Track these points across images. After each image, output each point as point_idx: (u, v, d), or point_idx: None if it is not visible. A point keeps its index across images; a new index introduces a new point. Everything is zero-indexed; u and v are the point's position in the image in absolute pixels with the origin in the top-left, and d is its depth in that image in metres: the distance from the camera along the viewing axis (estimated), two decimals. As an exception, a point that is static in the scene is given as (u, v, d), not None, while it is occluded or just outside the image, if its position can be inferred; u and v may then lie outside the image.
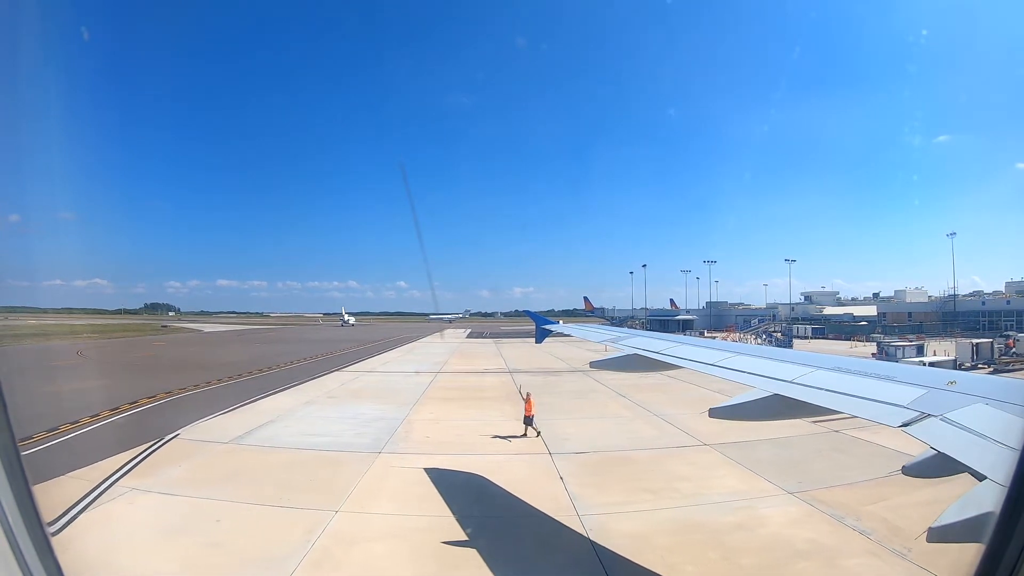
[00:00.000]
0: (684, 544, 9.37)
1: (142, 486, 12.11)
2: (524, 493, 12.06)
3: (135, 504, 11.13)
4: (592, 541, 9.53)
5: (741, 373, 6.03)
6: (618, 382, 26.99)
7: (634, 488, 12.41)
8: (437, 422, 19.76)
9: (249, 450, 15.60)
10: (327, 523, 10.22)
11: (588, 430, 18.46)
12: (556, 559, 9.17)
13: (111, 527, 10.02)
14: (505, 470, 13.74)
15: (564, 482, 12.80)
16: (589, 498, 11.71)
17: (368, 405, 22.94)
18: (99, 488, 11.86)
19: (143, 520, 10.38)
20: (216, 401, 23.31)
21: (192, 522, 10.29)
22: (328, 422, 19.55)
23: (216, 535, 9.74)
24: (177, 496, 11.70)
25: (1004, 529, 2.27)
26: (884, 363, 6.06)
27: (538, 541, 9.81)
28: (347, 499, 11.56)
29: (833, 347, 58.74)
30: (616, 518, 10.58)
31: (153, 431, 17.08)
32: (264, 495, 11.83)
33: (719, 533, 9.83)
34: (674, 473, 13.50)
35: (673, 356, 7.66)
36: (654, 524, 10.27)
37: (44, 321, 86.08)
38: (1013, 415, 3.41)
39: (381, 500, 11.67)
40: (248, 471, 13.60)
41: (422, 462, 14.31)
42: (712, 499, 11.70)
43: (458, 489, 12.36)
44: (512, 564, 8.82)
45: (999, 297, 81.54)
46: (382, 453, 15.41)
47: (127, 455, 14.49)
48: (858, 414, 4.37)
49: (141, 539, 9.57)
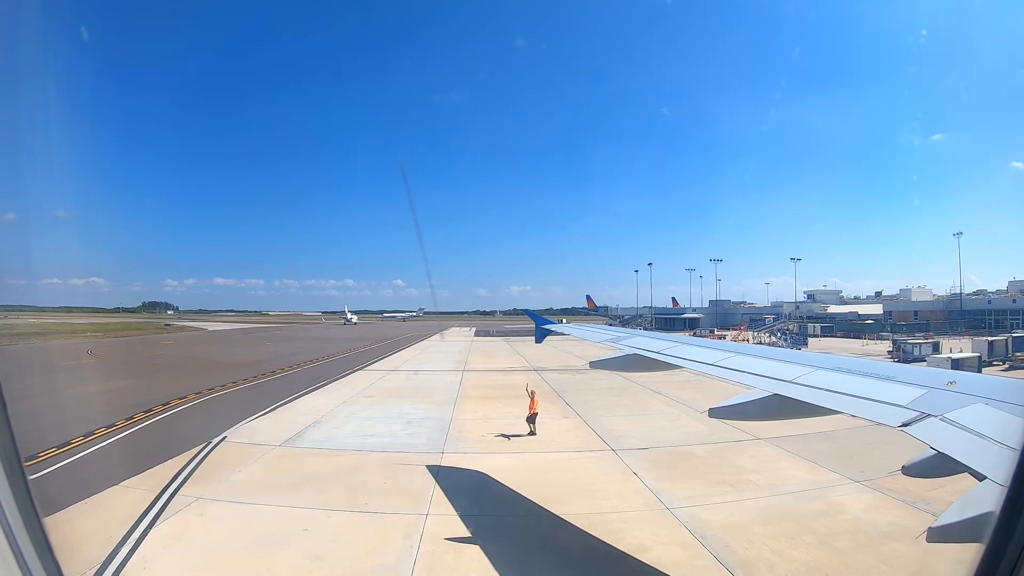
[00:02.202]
0: (779, 532, 9.60)
1: (208, 495, 11.32)
2: (607, 490, 11.99)
3: (207, 515, 10.32)
4: (692, 532, 9.61)
5: (741, 373, 6.03)
6: (649, 380, 26.48)
7: (710, 481, 12.44)
8: (486, 420, 19.30)
9: (307, 453, 14.84)
10: (422, 527, 9.77)
11: (639, 427, 18.18)
12: (669, 552, 8.99)
13: (190, 541, 9.22)
14: (576, 468, 13.67)
15: (639, 478, 12.70)
16: (670, 492, 11.70)
17: (408, 404, 22.30)
18: (161, 498, 11.04)
19: (223, 532, 9.57)
20: (249, 402, 22.52)
21: (278, 532, 9.54)
22: (376, 422, 18.85)
23: (312, 545, 9.03)
24: (249, 504, 10.92)
25: (1004, 529, 2.25)
26: (884, 363, 6.14)
27: (644, 535, 9.62)
28: (431, 502, 11.15)
29: (845, 345, 58.55)
30: (705, 510, 10.65)
31: (196, 434, 16.27)
32: (342, 500, 11.18)
33: (806, 520, 10.11)
34: (741, 466, 13.56)
35: (673, 356, 7.67)
36: (744, 514, 10.45)
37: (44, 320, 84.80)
38: (1013, 415, 3.39)
39: (468, 503, 11.26)
40: (315, 475, 12.86)
41: (488, 462, 14.06)
42: (787, 489, 11.92)
43: (538, 488, 12.01)
44: (632, 558, 8.73)
45: (1005, 296, 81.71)
46: (445, 454, 15.00)
47: (178, 461, 13.71)
48: (858, 414, 4.31)
49: (231, 554, 8.77)
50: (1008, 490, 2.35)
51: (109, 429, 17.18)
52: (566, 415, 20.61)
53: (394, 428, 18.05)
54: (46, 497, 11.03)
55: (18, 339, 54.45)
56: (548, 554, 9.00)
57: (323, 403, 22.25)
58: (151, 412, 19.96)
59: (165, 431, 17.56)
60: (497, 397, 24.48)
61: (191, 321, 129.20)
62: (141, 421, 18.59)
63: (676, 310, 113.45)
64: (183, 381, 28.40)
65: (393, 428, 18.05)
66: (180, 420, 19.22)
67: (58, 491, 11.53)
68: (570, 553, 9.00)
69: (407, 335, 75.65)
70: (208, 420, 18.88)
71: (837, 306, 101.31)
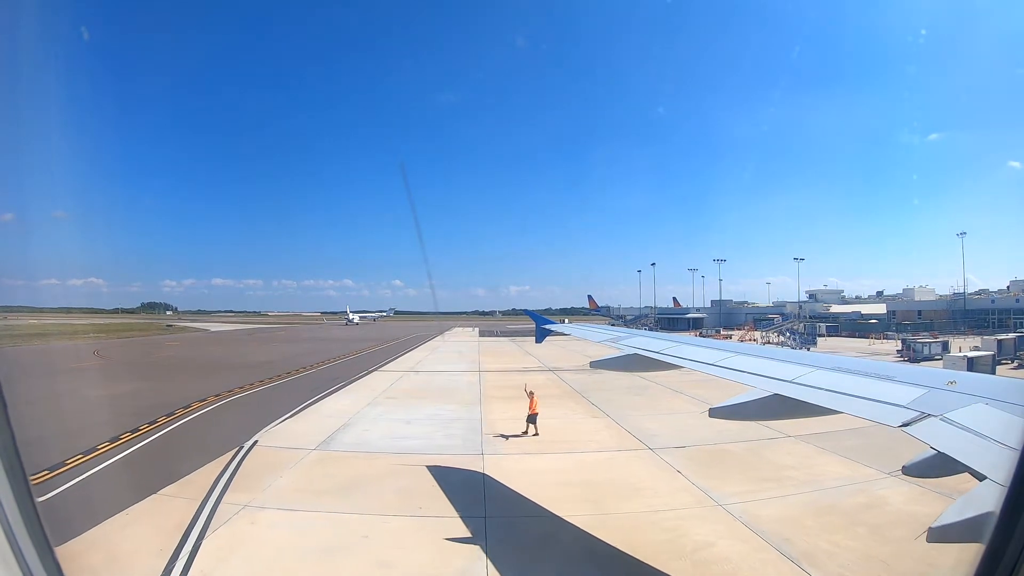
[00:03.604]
0: (831, 524, 9.77)
1: (254, 502, 10.91)
2: (656, 488, 12.03)
3: (258, 523, 9.92)
4: (749, 527, 9.73)
5: (741, 373, 6.03)
6: (667, 379, 26.19)
7: (752, 478, 12.55)
8: (516, 421, 18.97)
9: (345, 456, 14.45)
10: (484, 530, 9.61)
11: (669, 425, 18.01)
12: (733, 546, 9.10)
13: (248, 552, 8.80)
14: (619, 467, 13.73)
15: (684, 476, 12.74)
16: (718, 489, 11.76)
17: (434, 405, 22.02)
18: (205, 507, 10.58)
19: (280, 541, 9.19)
20: (272, 404, 22.14)
21: (338, 540, 9.19)
22: (406, 424, 18.52)
23: (376, 552, 8.72)
24: (300, 511, 10.52)
25: (1004, 529, 2.24)
26: (884, 363, 5.96)
27: (705, 531, 9.69)
28: (486, 504, 11.04)
29: (852, 345, 58.55)
30: (756, 505, 10.79)
31: (226, 438, 15.85)
32: (396, 505, 10.91)
33: (854, 512, 10.33)
34: (778, 463, 13.71)
35: (673, 356, 7.69)
36: (793, 508, 10.67)
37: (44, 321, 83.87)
38: (1013, 415, 3.38)
39: (523, 503, 11.16)
40: (360, 479, 12.52)
41: (530, 462, 14.05)
42: (828, 484, 12.11)
43: (588, 488, 11.99)
44: (701, 552, 8.85)
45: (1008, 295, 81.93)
46: (485, 455, 14.78)
47: (214, 467, 13.27)
48: (858, 414, 4.29)
49: (295, 564, 8.39)
50: (1008, 490, 2.34)
51: (134, 434, 16.73)
52: (595, 415, 20.54)
53: (426, 429, 17.74)
54: (83, 508, 10.68)
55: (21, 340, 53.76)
56: (619, 552, 8.91)
57: (347, 405, 21.85)
58: (173, 416, 19.53)
59: (192, 435, 17.12)
60: (522, 397, 24.02)
61: (191, 322, 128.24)
62: (165, 425, 18.15)
63: (679, 310, 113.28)
64: (199, 383, 27.95)
65: (425, 429, 17.74)
66: (205, 424, 18.78)
67: (94, 501, 11.14)
68: (642, 551, 8.95)
69: (412, 336, 75.18)
70: (234, 423, 18.48)
71: (839, 306, 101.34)
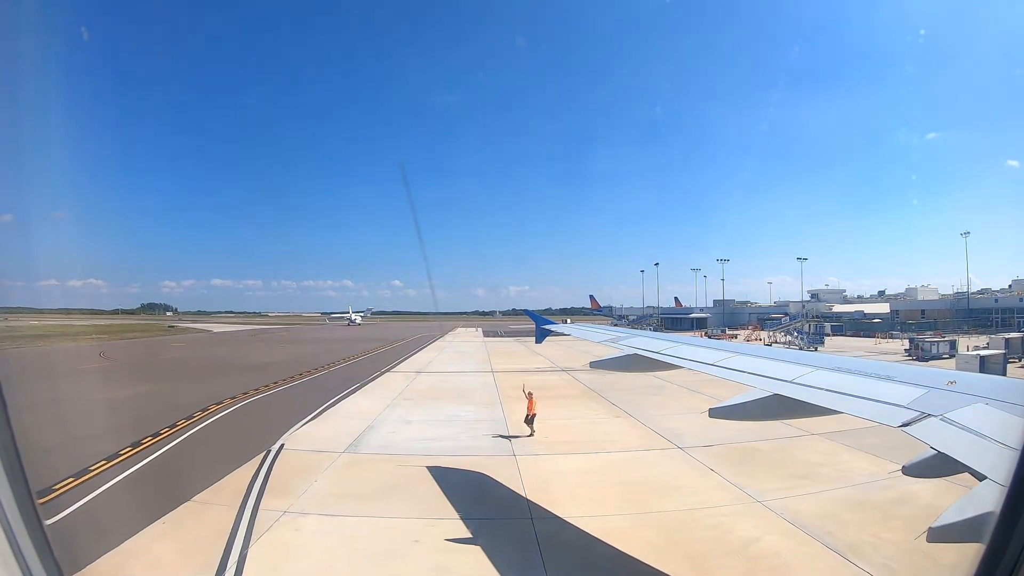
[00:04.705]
0: (868, 518, 9.94)
1: (293, 508, 10.62)
2: (693, 487, 12.06)
3: (303, 530, 9.65)
4: (791, 522, 9.86)
5: (741, 373, 6.02)
6: (680, 378, 26.03)
7: (784, 475, 12.64)
8: (542, 422, 18.81)
9: (376, 459, 14.22)
10: (534, 532, 9.57)
11: (692, 424, 17.84)
12: (778, 540, 9.22)
13: (299, 561, 8.55)
14: (651, 466, 13.74)
15: (718, 474, 12.77)
16: (753, 487, 11.80)
17: (454, 406, 21.82)
18: (244, 514, 10.30)
19: (329, 549, 8.93)
20: (290, 406, 21.90)
21: (389, 546, 8.99)
22: (430, 425, 18.32)
23: (431, 557, 8.54)
24: (343, 516, 10.28)
25: (1004, 529, 2.24)
26: (884, 363, 5.95)
27: (748, 526, 9.79)
28: (529, 506, 10.90)
29: (859, 344, 58.44)
30: (793, 501, 10.89)
31: (251, 442, 15.60)
32: (439, 508, 10.77)
33: (887, 507, 10.43)
34: (807, 460, 13.79)
35: (673, 356, 7.69)
36: (829, 504, 10.80)
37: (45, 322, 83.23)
38: (1013, 415, 3.38)
39: (565, 503, 11.02)
40: (396, 482, 12.32)
41: (564, 463, 13.98)
42: (858, 480, 12.23)
43: (626, 487, 11.99)
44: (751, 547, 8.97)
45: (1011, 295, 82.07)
46: (517, 455, 14.65)
47: (244, 472, 12.99)
48: (858, 414, 4.30)
49: (350, 572, 8.19)
50: (1008, 490, 2.34)
51: (155, 439, 16.40)
52: (617, 415, 20.50)
53: (452, 431, 17.56)
54: (115, 517, 10.37)
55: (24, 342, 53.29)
56: (676, 548, 8.93)
57: (367, 407, 21.58)
58: (193, 419, 19.22)
59: (216, 439, 16.84)
60: (539, 398, 23.66)
61: (192, 323, 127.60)
62: (186, 429, 17.84)
63: (682, 310, 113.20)
64: (212, 385, 27.66)
65: (451, 431, 17.55)
66: (227, 427, 18.49)
67: (126, 510, 10.83)
68: (693, 547, 8.96)
69: (416, 336, 74.88)
70: (256, 426, 18.23)
71: (842, 305, 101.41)
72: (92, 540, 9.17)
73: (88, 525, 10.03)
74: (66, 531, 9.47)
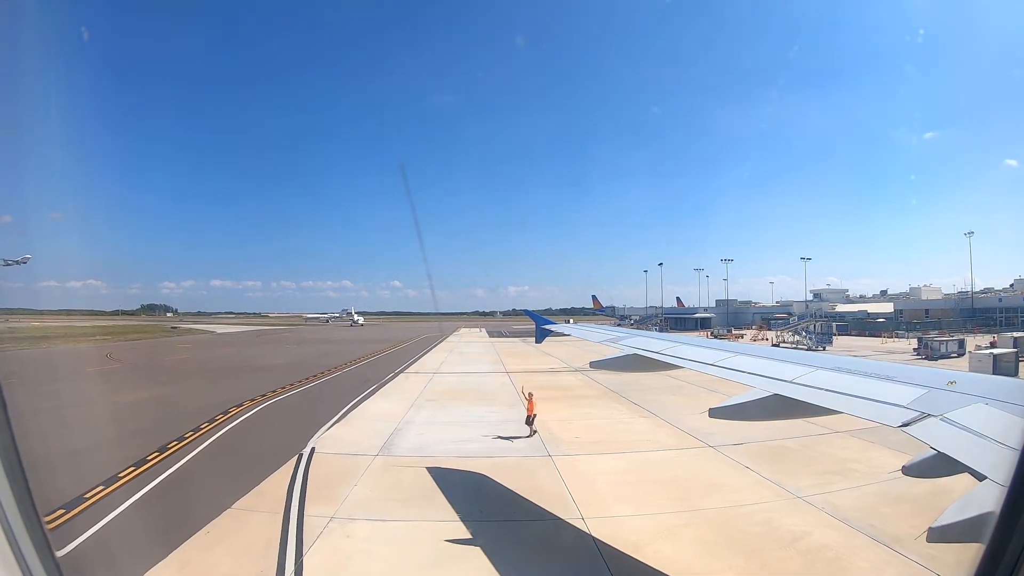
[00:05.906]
0: (906, 511, 9.94)
1: (339, 514, 10.38)
2: (732, 484, 12.12)
3: (355, 537, 9.41)
4: (834, 516, 10.07)
5: (741, 373, 6.03)
6: (695, 378, 25.68)
7: (818, 472, 12.78)
8: (569, 422, 18.91)
9: (412, 462, 13.94)
10: (587, 530, 9.63)
11: (718, 423, 17.55)
12: (827, 534, 9.38)
13: (358, 569, 8.32)
14: (685, 464, 13.76)
15: (754, 471, 12.89)
16: (790, 483, 11.96)
17: (477, 407, 21.65)
18: (290, 522, 10.05)
19: (387, 555, 8.71)
20: (311, 408, 21.69)
21: (446, 552, 8.77)
22: (459, 427, 18.13)
23: (493, 562, 8.35)
24: (392, 522, 10.05)
25: (1004, 529, 2.24)
26: (884, 363, 5.78)
27: (796, 521, 9.91)
28: (577, 504, 10.87)
29: (865, 343, 58.45)
30: (832, 496, 11.05)
31: (279, 446, 15.33)
32: (485, 510, 10.81)
33: (924, 499, 10.33)
34: (837, 457, 13.98)
35: (673, 356, 7.69)
36: (867, 498, 10.99)
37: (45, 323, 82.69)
38: (1013, 415, 3.36)
39: (609, 502, 11.10)
40: (439, 485, 12.13)
41: (600, 462, 14.03)
42: (890, 475, 12.04)
43: (665, 486, 12.05)
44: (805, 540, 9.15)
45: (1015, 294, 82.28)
46: (551, 456, 14.55)
47: (279, 477, 12.74)
48: (858, 414, 4.30)
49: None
50: (1008, 490, 2.33)
51: (181, 443, 16.11)
52: (642, 415, 20.46)
53: (482, 432, 17.40)
54: (155, 526, 10.11)
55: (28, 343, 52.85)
56: (731, 544, 9.03)
57: (389, 409, 21.34)
58: (215, 422, 18.95)
59: (244, 443, 16.57)
60: (559, 398, 23.95)
61: (194, 323, 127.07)
62: (211, 432, 17.54)
63: (686, 310, 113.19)
64: (227, 387, 27.40)
65: (481, 432, 17.38)
66: (252, 430, 18.22)
67: (166, 518, 10.53)
68: (746, 543, 9.07)
69: (420, 336, 74.63)
70: (282, 429, 17.96)
71: (844, 305, 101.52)
72: (142, 549, 8.97)
73: (124, 539, 9.73)
74: (109, 542, 9.23)
